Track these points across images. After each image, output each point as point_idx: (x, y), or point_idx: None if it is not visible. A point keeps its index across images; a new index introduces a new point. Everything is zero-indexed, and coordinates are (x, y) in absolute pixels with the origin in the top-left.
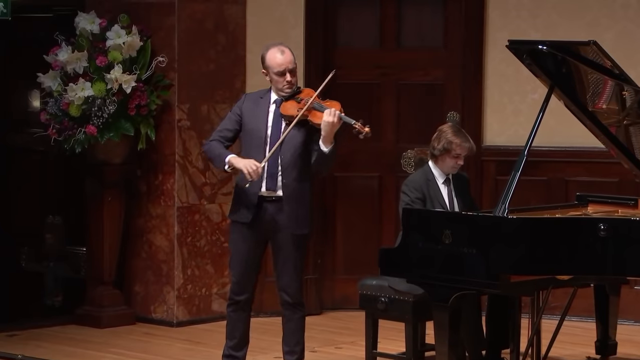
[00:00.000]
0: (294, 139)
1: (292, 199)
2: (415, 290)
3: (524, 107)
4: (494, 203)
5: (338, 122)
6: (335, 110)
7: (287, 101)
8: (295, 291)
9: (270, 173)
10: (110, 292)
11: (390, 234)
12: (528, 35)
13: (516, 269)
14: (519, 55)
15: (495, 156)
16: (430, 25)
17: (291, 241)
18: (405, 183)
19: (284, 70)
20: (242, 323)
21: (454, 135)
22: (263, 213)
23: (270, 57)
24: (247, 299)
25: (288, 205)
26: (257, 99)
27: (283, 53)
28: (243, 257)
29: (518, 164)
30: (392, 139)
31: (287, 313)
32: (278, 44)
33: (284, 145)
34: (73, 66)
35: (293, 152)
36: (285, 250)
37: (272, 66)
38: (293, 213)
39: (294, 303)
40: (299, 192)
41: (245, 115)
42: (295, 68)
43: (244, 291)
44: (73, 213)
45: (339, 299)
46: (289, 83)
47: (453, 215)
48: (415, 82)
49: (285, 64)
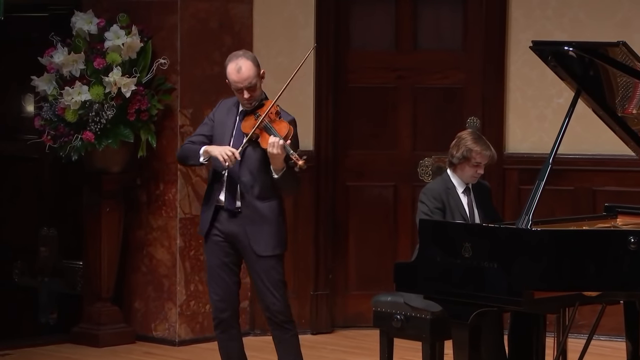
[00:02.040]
0: (251, 157)
1: (254, 218)
2: (433, 307)
3: (549, 113)
4: (517, 214)
5: (282, 152)
6: (277, 141)
7: (248, 115)
8: (280, 309)
9: (229, 190)
10: (109, 309)
11: (406, 247)
12: (553, 36)
13: (540, 285)
14: (543, 57)
15: (518, 164)
16: (448, 25)
17: (257, 261)
18: (423, 192)
19: (241, 88)
20: (235, 342)
21: (473, 142)
22: (219, 223)
23: (228, 71)
24: (233, 314)
25: (249, 224)
26: (230, 107)
27: (240, 70)
28: (215, 272)
29: (542, 172)
30: (408, 146)
31: (277, 333)
32: (239, 56)
33: (243, 163)
34: (69, 69)
35: (251, 171)
36: (254, 270)
37: (229, 82)
38: (255, 232)
39: (280, 321)
40: (262, 211)
41: (216, 122)
42: (256, 82)
43: (227, 306)
44: (69, 225)
45: (351, 316)
46: (247, 100)
47: (473, 227)
48: (432, 85)
49: (240, 81)
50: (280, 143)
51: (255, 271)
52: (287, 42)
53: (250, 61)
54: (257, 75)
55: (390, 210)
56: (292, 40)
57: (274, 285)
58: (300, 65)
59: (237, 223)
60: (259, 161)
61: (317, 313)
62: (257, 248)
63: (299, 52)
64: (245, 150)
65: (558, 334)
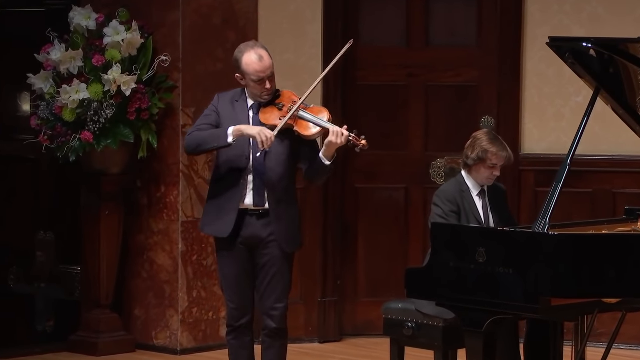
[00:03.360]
0: (278, 149)
1: (281, 214)
2: (446, 314)
3: (567, 112)
4: (533, 217)
5: (345, 141)
6: (340, 131)
7: (267, 107)
8: (280, 315)
9: (256, 186)
10: (108, 316)
11: (417, 252)
12: (571, 32)
13: (558, 291)
14: (561, 54)
15: (534, 165)
16: (462, 20)
17: (281, 259)
18: (436, 194)
19: (263, 78)
20: (246, 350)
21: (489, 143)
22: (245, 228)
23: (246, 62)
24: (248, 322)
25: (277, 221)
26: (232, 102)
27: (261, 59)
28: (234, 280)
29: (560, 174)
30: (419, 146)
31: (268, 340)
32: (254, 45)
33: (268, 157)
34: (67, 66)
35: (278, 164)
36: (273, 269)
37: (249, 73)
38: (283, 228)
39: (277, 329)
40: (288, 206)
41: (223, 116)
42: (274, 72)
43: (244, 314)
44: (66, 228)
45: (360, 324)
46: (268, 90)
47: (487, 231)
48: (445, 83)
49: (264, 70)
50: (346, 133)
51: (272, 272)
52: (293, 38)
53: (266, 50)
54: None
55: (401, 213)
56: (299, 36)
57: (283, 289)
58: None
59: (264, 224)
60: (285, 155)
61: (324, 321)
62: (284, 245)
63: (306, 49)
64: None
65: (576, 343)
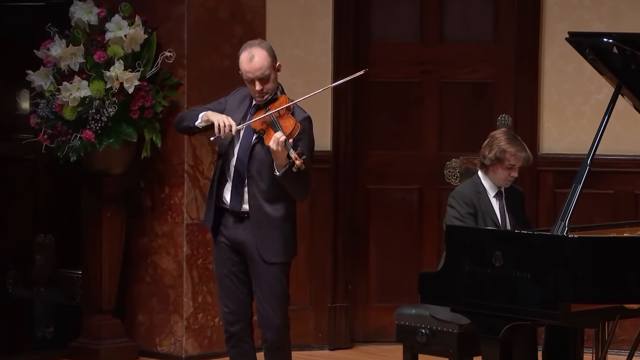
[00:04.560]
0: (260, 154)
1: (261, 222)
2: (461, 320)
3: (587, 110)
4: (552, 220)
5: (282, 149)
6: (279, 137)
7: (259, 110)
8: (278, 327)
9: (235, 190)
10: (110, 322)
11: (431, 256)
12: (591, 27)
13: (578, 297)
14: (580, 50)
15: (553, 166)
16: (478, 15)
17: (264, 268)
18: (452, 195)
19: (252, 79)
20: (247, 358)
21: (507, 143)
22: (226, 228)
23: (240, 61)
24: (243, 328)
25: (257, 228)
26: (243, 98)
27: (251, 60)
28: (226, 281)
29: (580, 175)
30: (434, 146)
31: (268, 352)
32: (253, 45)
33: (251, 161)
34: (67, 62)
35: (260, 169)
36: (259, 279)
37: (242, 72)
38: (263, 237)
39: (277, 341)
40: (270, 214)
41: (227, 110)
42: (270, 74)
43: (238, 319)
44: (67, 231)
45: (372, 330)
46: (259, 92)
47: (504, 234)
48: (460, 80)
49: (252, 71)
50: (282, 140)
51: (259, 281)
52: (303, 33)
53: (265, 51)
54: (271, 66)
55: (414, 216)
56: (309, 32)
57: (276, 299)
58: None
59: (244, 228)
60: (266, 161)
61: (335, 327)
62: (264, 254)
63: (315, 44)
64: (253, 147)
65: (597, 350)
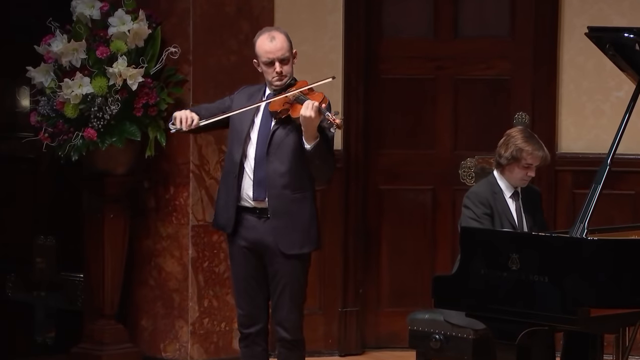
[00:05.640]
0: (282, 139)
1: (282, 212)
2: (476, 325)
3: (607, 107)
4: (570, 221)
5: (317, 116)
6: (313, 102)
7: (277, 96)
8: (294, 326)
9: (257, 180)
10: (112, 327)
11: (445, 258)
12: (612, 21)
13: (597, 301)
14: (600, 45)
15: (572, 165)
16: (493, 9)
17: (283, 263)
18: (467, 196)
19: (273, 60)
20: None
21: (524, 141)
22: (246, 228)
23: (259, 44)
24: (260, 330)
25: (276, 219)
26: (252, 93)
27: (273, 40)
28: (243, 284)
29: (600, 174)
30: (448, 144)
31: (283, 351)
32: (271, 29)
33: (272, 148)
34: (69, 58)
35: (282, 159)
36: (277, 275)
37: (260, 54)
38: (283, 228)
39: (292, 340)
40: (291, 204)
41: (235, 105)
42: (289, 57)
43: (253, 322)
44: (68, 233)
45: (384, 336)
46: (279, 74)
47: (521, 236)
48: (476, 77)
49: (273, 51)
50: (316, 105)
51: (276, 275)
52: (312, 28)
53: (283, 34)
54: (290, 49)
55: (428, 217)
56: (318, 27)
57: (293, 295)
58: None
59: (265, 223)
60: (291, 147)
61: (345, 332)
62: (283, 245)
63: (325, 40)
64: (274, 133)
65: (617, 357)
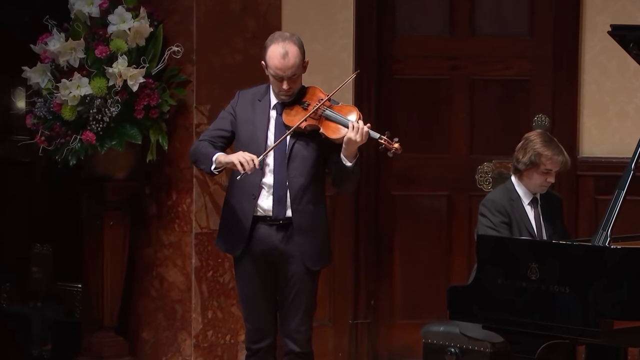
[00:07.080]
0: (303, 153)
1: (306, 226)
2: (494, 338)
3: (631, 109)
4: (592, 229)
5: (365, 139)
6: (360, 126)
7: (292, 106)
8: (304, 338)
9: (277, 197)
10: (112, 340)
11: (461, 268)
12: (635, 19)
13: (621, 313)
14: (624, 44)
15: (594, 170)
16: (512, 6)
17: (303, 277)
18: (483, 203)
19: (282, 77)
20: None
21: (544, 146)
22: (262, 239)
23: (270, 54)
24: (269, 345)
25: (301, 234)
26: (254, 101)
27: (285, 57)
28: (252, 298)
29: (623, 180)
30: (464, 148)
31: None
32: (285, 38)
33: (292, 162)
34: (67, 58)
35: (303, 169)
36: (295, 287)
37: (270, 65)
38: (308, 243)
39: (301, 353)
40: (314, 218)
41: (240, 119)
42: (300, 73)
43: (263, 338)
44: (65, 241)
45: (397, 349)
46: (285, 91)
47: (540, 245)
48: (493, 77)
49: (284, 69)
50: (366, 129)
51: (289, 282)
52: (321, 26)
53: (297, 48)
54: (301, 65)
55: (443, 224)
56: (328, 24)
57: (307, 309)
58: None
59: (285, 236)
60: (311, 159)
61: (356, 345)
62: (309, 262)
63: (335, 39)
64: (292, 147)
65: None
